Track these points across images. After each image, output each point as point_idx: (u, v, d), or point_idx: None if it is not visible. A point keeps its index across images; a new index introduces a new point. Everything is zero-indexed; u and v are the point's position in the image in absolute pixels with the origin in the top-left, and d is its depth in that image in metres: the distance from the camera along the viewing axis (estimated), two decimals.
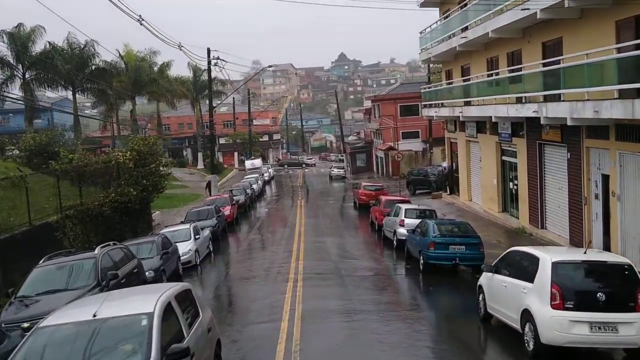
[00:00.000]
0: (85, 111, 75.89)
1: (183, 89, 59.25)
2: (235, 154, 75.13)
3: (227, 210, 30.83)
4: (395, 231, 22.22)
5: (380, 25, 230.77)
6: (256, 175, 50.63)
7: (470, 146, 29.48)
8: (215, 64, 38.70)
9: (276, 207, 39.91)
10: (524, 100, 19.74)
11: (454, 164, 33.07)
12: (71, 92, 47.60)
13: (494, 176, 25.95)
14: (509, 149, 24.42)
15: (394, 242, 22.27)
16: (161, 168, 30.57)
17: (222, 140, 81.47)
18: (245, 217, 34.76)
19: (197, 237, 22.10)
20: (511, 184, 24.76)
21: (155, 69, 55.73)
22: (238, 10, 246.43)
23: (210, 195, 37.19)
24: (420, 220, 21.58)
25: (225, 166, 72.62)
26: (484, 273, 12.17)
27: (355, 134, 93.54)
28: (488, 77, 24.03)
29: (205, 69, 65.72)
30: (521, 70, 20.18)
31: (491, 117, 22.56)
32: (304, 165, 78.54)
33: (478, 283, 12.48)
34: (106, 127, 55.71)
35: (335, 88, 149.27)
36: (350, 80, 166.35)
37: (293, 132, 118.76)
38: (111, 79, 49.39)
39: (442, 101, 29.81)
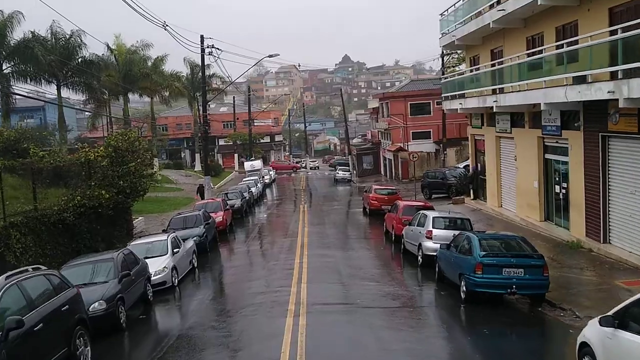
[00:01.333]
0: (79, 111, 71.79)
1: (179, 85, 54.82)
2: (235, 155, 70.72)
3: (219, 217, 26.42)
4: (420, 245, 17.74)
5: (385, 26, 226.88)
6: (256, 177, 46.17)
7: (502, 143, 24.99)
8: (210, 53, 34.26)
9: (277, 213, 35.43)
10: (589, 80, 15.26)
11: (478, 164, 28.56)
12: (56, 87, 43.08)
13: (534, 178, 21.45)
14: (556, 145, 19.91)
15: (419, 258, 17.81)
16: (145, 168, 26.27)
17: (221, 142, 77.23)
18: (241, 224, 30.28)
19: (175, 250, 17.65)
20: (557, 187, 20.25)
21: (149, 63, 51.31)
22: (241, 13, 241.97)
23: (202, 199, 32.75)
24: (452, 231, 17.18)
25: (225, 168, 68.42)
26: (592, 324, 7.68)
27: (360, 136, 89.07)
28: (529, 56, 19.50)
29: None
30: (580, 43, 15.68)
31: (539, 104, 18.05)
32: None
33: (580, 339, 7.99)
34: (95, 126, 51.25)
35: (340, 89, 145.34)
36: (354, 82, 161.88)
37: (296, 135, 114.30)
38: (100, 72, 45.04)
39: (468, 90, 25.33)
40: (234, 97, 71.18)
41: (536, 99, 18.05)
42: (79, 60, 43.93)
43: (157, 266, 16.41)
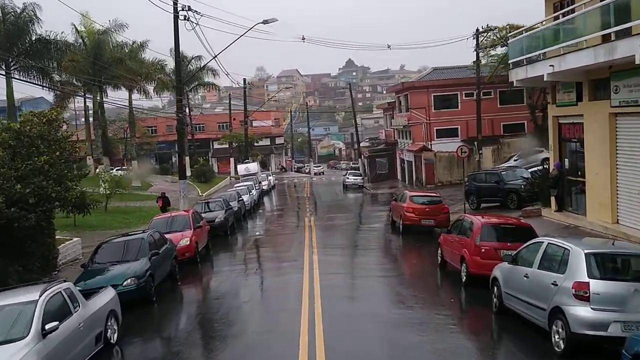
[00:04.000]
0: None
1: (162, 76, 45.44)
2: (231, 159, 61.27)
3: (184, 239, 17.02)
4: (561, 312, 8.26)
5: (389, 33, 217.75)
6: (250, 182, 36.61)
7: (621, 124, 15.53)
8: (186, 18, 24.83)
9: (274, 230, 25.83)
10: None
11: (567, 160, 19.06)
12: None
13: None
14: None
15: (556, 339, 8.36)
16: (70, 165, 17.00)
17: (217, 145, 67.84)
18: (223, 247, 20.75)
19: (50, 327, 8.10)
20: None
21: (127, 50, 42.01)
22: (243, 17, 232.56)
23: (164, 211, 23.37)
24: (633, 283, 7.75)
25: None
26: None
27: (367, 140, 79.74)
28: None
29: (194, 56, 52.82)
30: None
31: None
32: None
33: None
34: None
35: (343, 94, 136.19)
36: (359, 87, 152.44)
37: (298, 140, 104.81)
38: (61, 56, 35.88)
39: (565, 44, 15.87)
40: (229, 94, 61.87)
41: None
42: (33, 39, 34.96)
43: None
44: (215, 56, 25.78)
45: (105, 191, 29.57)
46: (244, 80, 50.66)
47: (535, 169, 24.51)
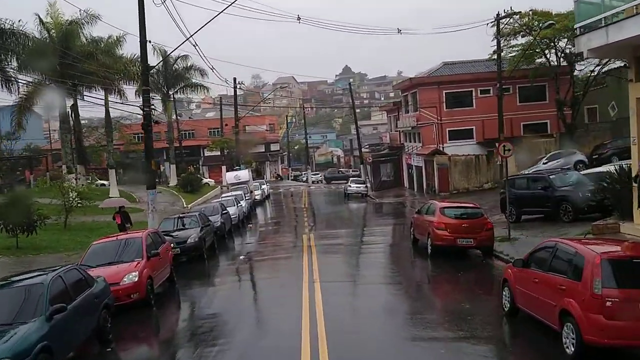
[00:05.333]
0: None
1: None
2: (223, 167, 55.89)
3: (130, 275, 11.65)
4: None
5: (385, 39, 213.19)
6: (240, 192, 31.21)
7: None
8: None
9: (265, 252, 20.27)
10: None
11: None
12: None
13: None
14: None
15: None
16: None
17: (207, 152, 62.49)
18: (195, 278, 15.29)
19: None
20: None
21: (102, 44, 36.72)
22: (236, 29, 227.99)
23: (123, 229, 18.12)
24: None
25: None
26: None
27: (366, 146, 74.56)
28: None
29: (180, 55, 47.70)
30: None
31: None
32: None
33: None
34: (22, 126, 36.10)
35: (340, 100, 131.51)
36: (356, 93, 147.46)
37: (295, 147, 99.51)
38: (22, 49, 30.55)
39: None
40: (221, 97, 56.66)
41: None
42: None
43: None
44: (191, 36, 20.51)
45: (65, 204, 24.53)
46: (234, 79, 45.40)
47: (598, 169, 19.23)
